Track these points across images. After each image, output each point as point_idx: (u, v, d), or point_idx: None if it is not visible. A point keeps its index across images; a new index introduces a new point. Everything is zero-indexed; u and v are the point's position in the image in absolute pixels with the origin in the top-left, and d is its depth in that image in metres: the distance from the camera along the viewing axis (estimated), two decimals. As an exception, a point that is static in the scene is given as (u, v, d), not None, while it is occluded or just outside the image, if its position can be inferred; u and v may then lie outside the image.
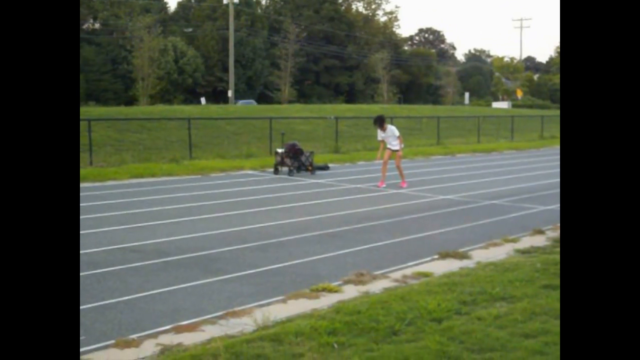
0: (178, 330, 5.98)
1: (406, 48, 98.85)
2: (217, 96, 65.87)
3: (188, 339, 5.75)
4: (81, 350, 5.43)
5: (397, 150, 16.57)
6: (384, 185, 16.35)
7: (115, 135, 25.97)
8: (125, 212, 12.26)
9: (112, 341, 5.66)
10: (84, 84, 59.29)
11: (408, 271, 8.19)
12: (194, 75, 65.73)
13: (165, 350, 5.49)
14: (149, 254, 8.90)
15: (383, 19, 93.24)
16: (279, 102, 60.52)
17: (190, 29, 70.78)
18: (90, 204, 13.03)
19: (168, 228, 10.76)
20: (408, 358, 5.07)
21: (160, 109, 36.17)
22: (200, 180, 17.50)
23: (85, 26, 69.07)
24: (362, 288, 7.41)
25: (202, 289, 7.31)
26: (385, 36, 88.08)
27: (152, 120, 28.57)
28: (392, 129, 16.61)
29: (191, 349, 5.39)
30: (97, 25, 70.38)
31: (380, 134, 16.58)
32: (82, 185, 16.05)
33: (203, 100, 55.89)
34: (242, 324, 6.15)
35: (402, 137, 17.14)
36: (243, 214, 12.24)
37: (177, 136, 26.43)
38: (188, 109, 35.28)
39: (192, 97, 63.81)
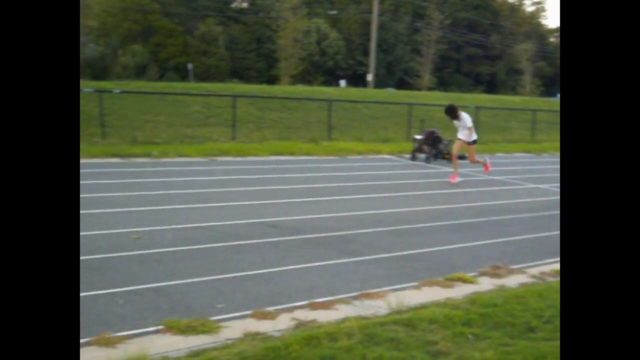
0: (313, 306, 6.08)
1: (552, 40, 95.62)
2: (357, 79, 66.10)
3: (322, 316, 5.84)
4: (220, 317, 5.62)
5: (469, 143, 15.02)
6: (457, 180, 14.88)
7: (257, 113, 26.55)
8: (264, 187, 12.55)
9: (250, 311, 5.81)
10: (229, 61, 60.95)
11: (546, 268, 7.97)
12: (335, 58, 66.15)
13: (300, 325, 5.60)
14: (287, 230, 9.08)
15: (530, 8, 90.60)
16: (418, 89, 60.05)
17: (334, 12, 71.22)
18: (233, 177, 13.43)
19: (305, 206, 10.95)
20: (545, 356, 4.95)
21: (301, 89, 36.66)
22: (338, 161, 17.67)
23: (233, 4, 70.84)
24: (498, 281, 7.28)
25: (337, 268, 7.40)
26: (531, 27, 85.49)
27: (292, 99, 29.02)
28: (465, 118, 15.02)
29: (325, 326, 5.46)
30: (244, 5, 72.03)
31: (456, 122, 15.16)
32: (224, 159, 16.59)
33: (343, 82, 56.21)
34: (376, 307, 6.18)
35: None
36: (379, 197, 12.27)
37: (316, 117, 26.73)
38: (328, 91, 35.58)
39: (331, 79, 64.31)
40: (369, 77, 52.64)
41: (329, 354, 4.83)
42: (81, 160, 14.69)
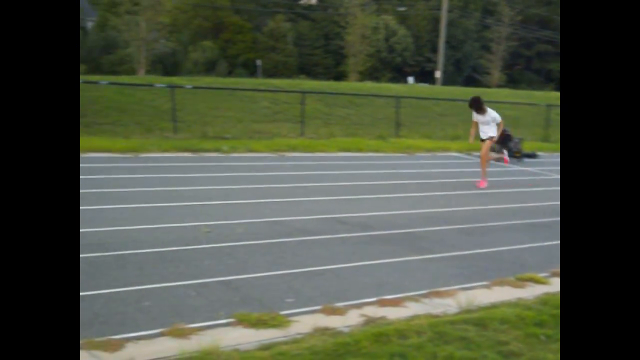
0: (382, 303, 6.07)
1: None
2: (425, 76, 65.64)
3: (391, 313, 5.83)
4: (290, 311, 5.66)
5: (491, 137, 13.74)
6: (486, 186, 13.58)
7: (324, 109, 26.62)
8: (333, 183, 12.59)
9: (319, 307, 5.84)
10: (297, 57, 61.24)
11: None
12: (403, 54, 65.82)
13: (369, 321, 5.60)
14: (355, 226, 9.09)
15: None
16: (487, 86, 59.28)
17: (403, 8, 70.84)
18: (301, 173, 13.52)
19: (374, 203, 10.94)
20: None
21: (369, 85, 36.64)
22: (406, 158, 17.60)
23: (302, 1, 71.13)
24: (571, 282, 7.14)
25: (406, 265, 7.37)
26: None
27: (360, 96, 28.99)
28: (493, 114, 13.74)
29: (395, 324, 5.45)
30: (313, 1, 72.23)
31: (475, 116, 13.81)
32: (293, 154, 16.69)
33: (411, 79, 55.92)
34: (445, 305, 6.14)
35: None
36: (448, 195, 12.18)
37: (384, 114, 26.64)
38: (395, 87, 35.44)
39: (399, 75, 64.02)
40: (437, 74, 52.23)
41: (399, 351, 4.82)
42: (153, 155, 14.99)
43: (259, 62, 53.79)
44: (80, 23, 61.37)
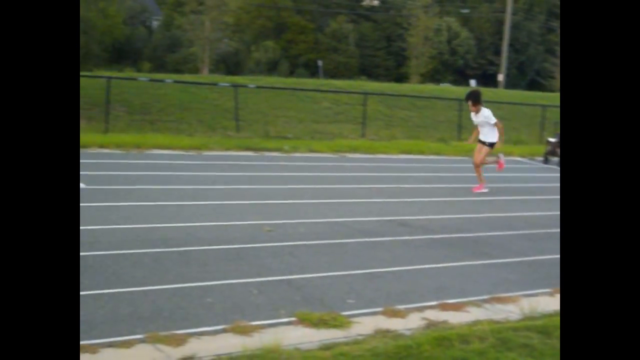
0: (443, 307, 6.03)
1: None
2: (487, 79, 64.92)
3: (453, 317, 5.78)
4: (351, 312, 5.66)
5: (492, 144, 12.59)
6: (485, 190, 12.60)
7: (386, 111, 26.56)
8: (394, 185, 12.55)
9: (380, 309, 5.82)
10: (358, 59, 61.24)
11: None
12: (466, 57, 65.23)
13: (431, 325, 5.56)
14: (417, 229, 9.05)
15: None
16: (551, 90, 58.33)
17: (466, 10, 70.23)
18: (363, 174, 13.52)
19: (435, 206, 10.88)
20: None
21: (430, 88, 36.41)
22: (468, 162, 17.40)
23: (364, 2, 71.09)
24: (638, 292, 6.98)
25: (468, 270, 7.31)
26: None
27: (421, 98, 28.83)
28: (486, 112, 12.49)
29: (457, 328, 5.40)
30: (375, 2, 72.13)
31: (473, 117, 12.73)
32: (354, 155, 16.70)
33: (473, 82, 55.35)
34: (507, 311, 6.06)
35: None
36: (510, 200, 12.03)
37: (445, 116, 26.44)
38: (457, 90, 35.13)
39: (461, 78, 63.46)
40: (500, 77, 51.55)
41: (461, 357, 4.78)
42: (216, 153, 15.18)
43: (320, 63, 53.97)
44: (148, 22, 62.47)
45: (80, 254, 6.62)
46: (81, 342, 4.53)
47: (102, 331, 4.83)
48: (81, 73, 29.17)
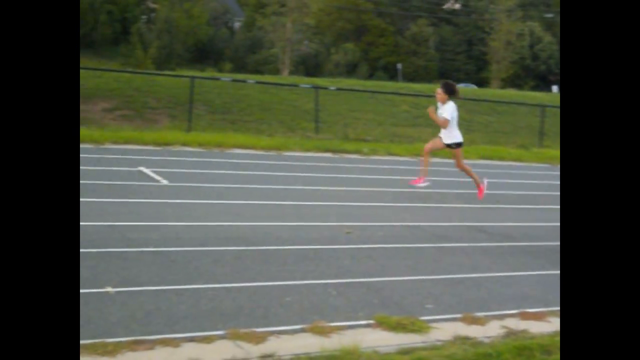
0: (524, 316, 5.94)
1: None
2: (570, 85, 63.45)
3: (534, 327, 5.69)
4: (429, 317, 5.63)
5: (451, 146, 11.62)
6: (424, 183, 11.42)
7: (465, 116, 26.16)
8: (473, 191, 12.39)
9: (459, 315, 5.77)
10: (438, 62, 60.80)
11: None
12: (548, 62, 64.05)
13: (510, 333, 5.49)
14: (496, 235, 8.94)
15: None
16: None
17: (550, 15, 68.91)
18: (441, 179, 13.41)
19: (515, 212, 10.74)
20: None
21: (511, 93, 35.85)
22: (549, 169, 17.13)
23: (445, 6, 70.56)
24: None
25: (549, 279, 7.17)
26: None
27: (502, 103, 28.40)
28: (447, 108, 11.33)
29: (538, 338, 5.31)
30: (457, 6, 71.50)
31: (439, 108, 11.53)
32: (433, 160, 16.52)
33: (555, 88, 54.26)
34: (590, 323, 5.93)
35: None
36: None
37: (526, 122, 25.98)
38: (539, 96, 34.49)
39: (542, 84, 62.33)
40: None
41: (542, 367, 4.71)
42: (295, 153, 15.29)
43: (399, 66, 53.79)
44: (230, 23, 63.42)
45: (164, 249, 6.80)
46: (162, 336, 4.65)
47: (184, 326, 4.93)
48: (165, 72, 29.90)
